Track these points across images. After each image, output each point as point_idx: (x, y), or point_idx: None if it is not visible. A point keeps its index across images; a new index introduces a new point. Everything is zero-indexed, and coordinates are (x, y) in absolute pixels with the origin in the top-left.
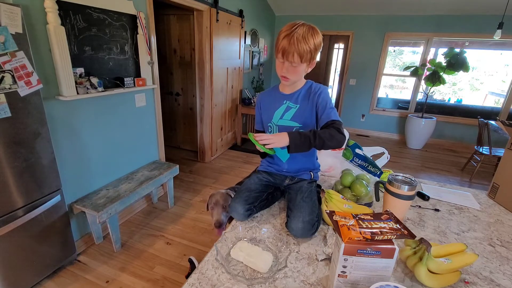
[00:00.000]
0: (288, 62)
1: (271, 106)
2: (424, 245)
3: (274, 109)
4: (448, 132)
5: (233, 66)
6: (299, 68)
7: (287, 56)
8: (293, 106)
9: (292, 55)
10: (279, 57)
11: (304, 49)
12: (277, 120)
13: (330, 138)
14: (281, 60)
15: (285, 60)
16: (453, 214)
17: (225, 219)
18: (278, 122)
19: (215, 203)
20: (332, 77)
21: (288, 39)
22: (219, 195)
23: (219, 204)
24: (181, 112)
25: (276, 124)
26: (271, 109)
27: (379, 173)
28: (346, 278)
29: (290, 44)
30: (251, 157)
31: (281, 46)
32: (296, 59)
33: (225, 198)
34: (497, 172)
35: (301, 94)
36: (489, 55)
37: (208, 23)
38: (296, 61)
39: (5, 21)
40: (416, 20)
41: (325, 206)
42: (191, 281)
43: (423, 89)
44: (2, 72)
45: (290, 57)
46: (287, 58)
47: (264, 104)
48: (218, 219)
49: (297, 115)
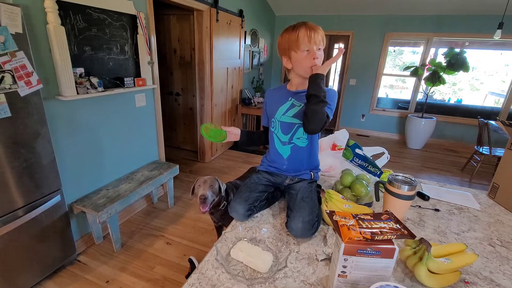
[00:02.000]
0: (315, 47)
1: (276, 102)
2: (424, 245)
3: (278, 105)
4: (448, 132)
5: (233, 66)
6: (322, 53)
7: (314, 41)
8: (297, 104)
9: (318, 39)
10: (305, 46)
11: (321, 32)
12: (280, 116)
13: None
14: (306, 47)
15: (313, 45)
16: (453, 214)
17: (210, 197)
18: (281, 118)
19: (203, 182)
20: (332, 77)
21: (305, 27)
22: (207, 177)
23: (207, 183)
24: (181, 112)
25: (279, 120)
26: (276, 105)
27: (379, 173)
28: (346, 278)
29: (311, 31)
30: (251, 157)
31: (305, 35)
32: (320, 42)
33: (212, 180)
34: (497, 172)
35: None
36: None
37: (208, 23)
38: (320, 44)
39: (5, 21)
40: (416, 20)
41: (325, 206)
42: (191, 281)
43: (423, 89)
44: (2, 72)
45: (318, 41)
46: (316, 42)
47: (270, 100)
48: (204, 193)
49: (300, 113)
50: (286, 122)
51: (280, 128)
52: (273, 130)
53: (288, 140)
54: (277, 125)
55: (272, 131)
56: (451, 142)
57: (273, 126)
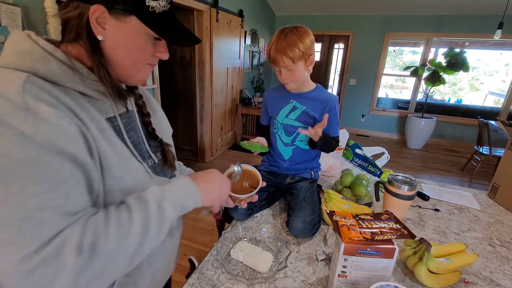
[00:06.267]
0: (283, 69)
1: (277, 103)
2: (424, 245)
3: (280, 107)
4: (448, 132)
5: (233, 66)
6: (296, 70)
7: (277, 63)
8: (300, 106)
9: (282, 60)
10: (273, 67)
11: (291, 51)
12: (281, 118)
13: (331, 148)
14: (276, 69)
15: (278, 67)
16: (453, 214)
17: None
18: (283, 121)
19: None
20: (332, 77)
21: (274, 47)
22: None
23: None
24: (181, 112)
25: (281, 123)
26: (277, 106)
27: (379, 173)
28: (346, 278)
29: (276, 50)
30: (251, 157)
31: (270, 56)
32: (287, 62)
33: None
34: (497, 172)
35: (310, 97)
36: (489, 55)
37: (208, 23)
38: (288, 63)
39: (5, 21)
40: (416, 20)
41: (324, 206)
42: (191, 281)
43: (423, 89)
44: None
45: (281, 63)
46: (278, 64)
47: (270, 100)
48: None
49: (302, 117)
50: (288, 125)
51: (283, 130)
52: (275, 131)
53: (290, 142)
54: (279, 127)
55: (275, 132)
56: (451, 142)
57: (275, 127)
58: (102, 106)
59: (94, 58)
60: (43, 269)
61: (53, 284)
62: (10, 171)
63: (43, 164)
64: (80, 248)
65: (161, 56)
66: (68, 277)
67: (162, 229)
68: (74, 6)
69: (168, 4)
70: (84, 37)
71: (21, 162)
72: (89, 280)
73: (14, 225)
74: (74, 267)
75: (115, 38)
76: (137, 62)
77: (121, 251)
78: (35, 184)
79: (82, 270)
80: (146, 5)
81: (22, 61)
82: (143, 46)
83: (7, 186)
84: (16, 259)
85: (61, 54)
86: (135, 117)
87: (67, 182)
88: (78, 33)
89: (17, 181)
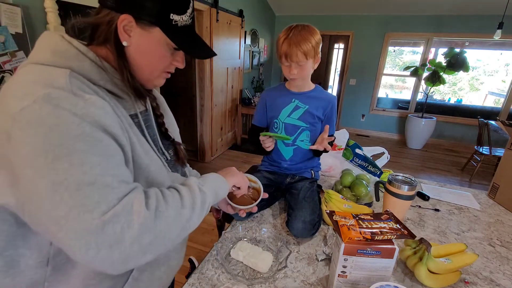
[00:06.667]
0: (294, 63)
1: (278, 102)
2: (424, 245)
3: (282, 106)
4: (448, 132)
5: (233, 66)
6: (306, 66)
7: (291, 57)
8: (302, 106)
9: (296, 55)
10: (283, 61)
11: (305, 45)
12: (284, 117)
13: None
14: (286, 63)
15: (290, 62)
16: (453, 214)
17: None
18: (285, 120)
19: None
20: (332, 77)
21: (288, 41)
22: None
23: None
24: (181, 112)
25: (283, 122)
26: (279, 106)
27: (379, 173)
28: (346, 278)
29: (290, 45)
30: (251, 157)
31: (283, 50)
32: (301, 57)
33: None
34: (497, 172)
35: (312, 96)
36: (489, 55)
37: (208, 23)
38: (301, 58)
39: (5, 21)
40: (416, 20)
41: (324, 206)
42: (191, 281)
43: (423, 89)
44: (2, 72)
45: (294, 57)
46: (292, 59)
47: (270, 100)
48: None
49: (305, 116)
50: (291, 124)
51: (284, 130)
52: (276, 130)
53: (292, 142)
54: (281, 127)
55: (276, 131)
56: (451, 142)
57: (276, 127)
58: (125, 104)
59: (119, 61)
60: (114, 225)
61: (122, 240)
62: (69, 146)
63: (95, 139)
64: (147, 207)
65: (178, 65)
66: (135, 233)
67: (203, 209)
68: (105, 13)
69: (190, 19)
70: (112, 42)
71: (77, 138)
72: (150, 239)
73: (83, 189)
74: (142, 223)
75: (138, 45)
76: (155, 69)
77: (178, 219)
78: (93, 155)
79: (147, 228)
80: (170, 18)
81: (58, 59)
82: (163, 55)
83: (69, 158)
84: (89, 218)
85: (93, 55)
86: (151, 116)
87: (116, 156)
88: (106, 38)
89: (77, 153)
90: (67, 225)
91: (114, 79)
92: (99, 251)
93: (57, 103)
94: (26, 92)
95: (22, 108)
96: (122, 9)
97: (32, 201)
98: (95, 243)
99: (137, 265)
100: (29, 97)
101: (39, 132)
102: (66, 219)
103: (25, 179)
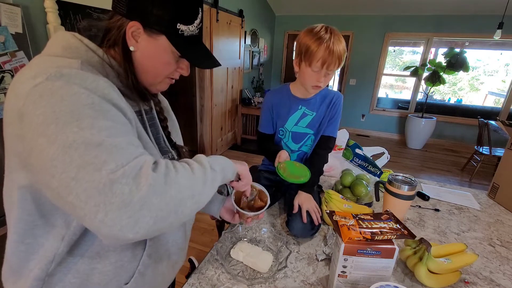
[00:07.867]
0: (326, 71)
1: (284, 110)
2: (424, 245)
3: (288, 114)
4: (448, 132)
5: (233, 66)
6: (333, 74)
7: (329, 66)
8: (309, 113)
9: (335, 64)
10: (316, 68)
11: (344, 54)
12: (291, 126)
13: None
14: (317, 69)
15: (326, 70)
16: (453, 214)
17: None
18: (292, 129)
19: None
20: (332, 77)
21: (328, 48)
22: None
23: None
24: (181, 112)
25: (290, 131)
26: (285, 114)
27: (379, 173)
28: (346, 278)
29: (333, 53)
30: (251, 157)
31: (321, 56)
32: (336, 67)
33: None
34: (497, 172)
35: (318, 101)
36: (489, 55)
37: (208, 23)
38: (336, 68)
39: (5, 21)
40: (416, 20)
41: (324, 206)
42: (191, 281)
43: (423, 89)
44: (2, 72)
45: (333, 66)
46: (329, 68)
47: (276, 106)
48: None
49: (313, 123)
50: (298, 133)
51: (291, 138)
52: (282, 137)
53: (297, 149)
54: (287, 135)
55: (281, 138)
56: (451, 142)
57: (281, 134)
58: (130, 101)
59: (125, 64)
60: (122, 186)
61: (131, 202)
62: (79, 113)
63: (105, 109)
64: (155, 170)
65: (182, 73)
66: (144, 195)
67: (213, 186)
68: (117, 19)
69: (197, 29)
70: (120, 46)
71: (87, 106)
72: (160, 205)
73: (91, 149)
74: (151, 184)
75: (144, 51)
76: (159, 74)
77: (188, 188)
78: (102, 120)
79: (157, 192)
80: (177, 28)
81: (69, 54)
82: (167, 61)
83: (79, 123)
84: (97, 176)
85: (102, 52)
86: (155, 116)
87: (125, 125)
88: (115, 41)
89: (87, 119)
90: (76, 186)
91: (120, 77)
92: (107, 213)
93: (68, 79)
94: (39, 72)
95: (35, 85)
96: (132, 16)
97: (45, 169)
98: (104, 204)
99: (147, 234)
100: (42, 75)
101: (51, 102)
102: (76, 180)
103: (38, 149)
